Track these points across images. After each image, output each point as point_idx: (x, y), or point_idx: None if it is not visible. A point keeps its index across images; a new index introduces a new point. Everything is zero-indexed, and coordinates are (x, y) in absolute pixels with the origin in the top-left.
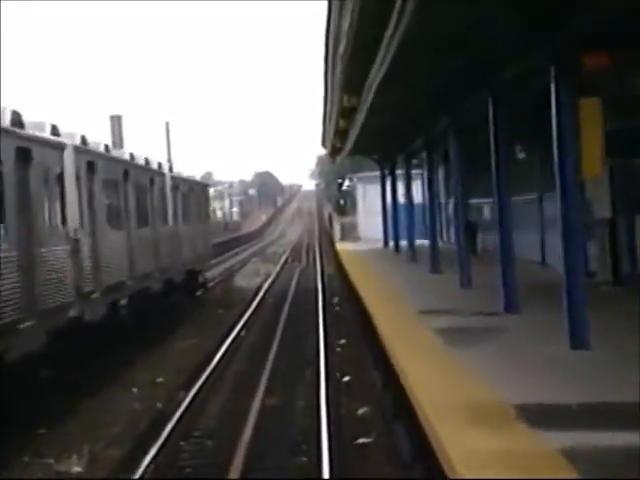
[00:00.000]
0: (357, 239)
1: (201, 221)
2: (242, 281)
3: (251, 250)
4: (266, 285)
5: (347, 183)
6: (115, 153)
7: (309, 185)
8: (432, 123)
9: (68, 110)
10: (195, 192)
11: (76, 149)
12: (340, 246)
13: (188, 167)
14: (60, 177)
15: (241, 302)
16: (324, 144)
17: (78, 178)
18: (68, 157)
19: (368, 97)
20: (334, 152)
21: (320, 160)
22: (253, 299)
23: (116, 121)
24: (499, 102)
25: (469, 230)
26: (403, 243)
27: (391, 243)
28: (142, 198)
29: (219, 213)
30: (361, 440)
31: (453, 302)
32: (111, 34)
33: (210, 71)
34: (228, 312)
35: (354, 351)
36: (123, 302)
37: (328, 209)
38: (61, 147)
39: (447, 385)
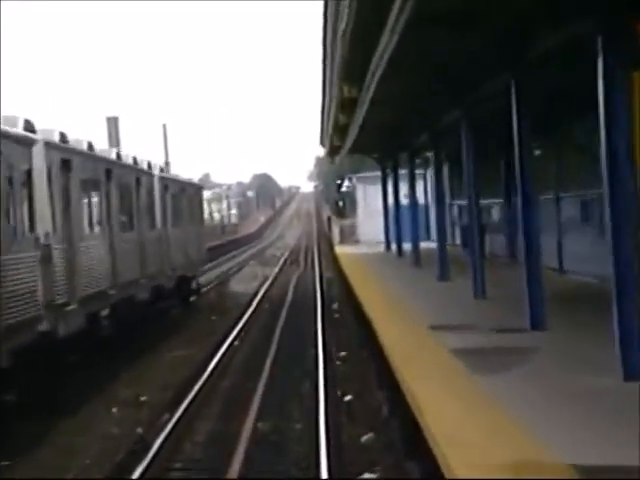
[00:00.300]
0: (357, 242)
1: (194, 224)
2: (238, 285)
3: (249, 253)
4: (263, 290)
5: (347, 184)
6: (99, 151)
7: (308, 187)
8: (440, 116)
9: (67, 113)
10: (187, 194)
11: (47, 145)
12: (339, 249)
13: (186, 169)
14: (28, 176)
15: (236, 308)
16: (322, 142)
17: (50, 177)
18: (38, 154)
19: (370, 86)
20: (333, 151)
21: (319, 161)
22: (249, 305)
23: (112, 122)
24: (523, 86)
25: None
26: (405, 246)
27: (393, 246)
28: (127, 199)
29: (217, 215)
30: (366, 476)
31: (468, 315)
32: (110, 35)
33: (209, 74)
34: (222, 319)
35: (356, 366)
36: (105, 313)
37: (327, 211)
38: (29, 142)
39: (477, 433)
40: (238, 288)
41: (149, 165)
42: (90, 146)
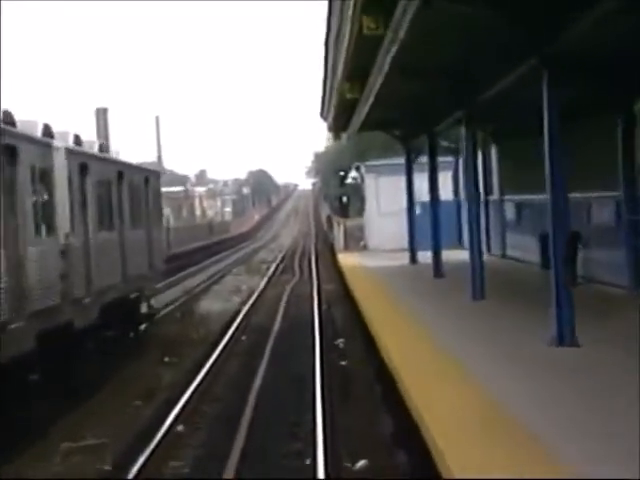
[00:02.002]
0: (365, 248)
1: (145, 226)
2: (214, 303)
3: (236, 257)
4: (244, 311)
5: (353, 174)
6: None
7: (306, 184)
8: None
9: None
10: (132, 182)
11: None
12: (344, 259)
13: (182, 165)
14: None
15: (202, 343)
16: (324, 115)
17: None
18: None
19: (397, 36)
20: (339, 127)
21: (317, 157)
22: (221, 336)
23: (101, 114)
24: None
25: (569, 246)
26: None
27: (420, 257)
28: None
29: (210, 213)
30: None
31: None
32: (106, 28)
33: (207, 69)
34: (176, 365)
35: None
36: None
37: (326, 209)
38: None
39: None
40: (213, 307)
41: (46, 131)
42: None
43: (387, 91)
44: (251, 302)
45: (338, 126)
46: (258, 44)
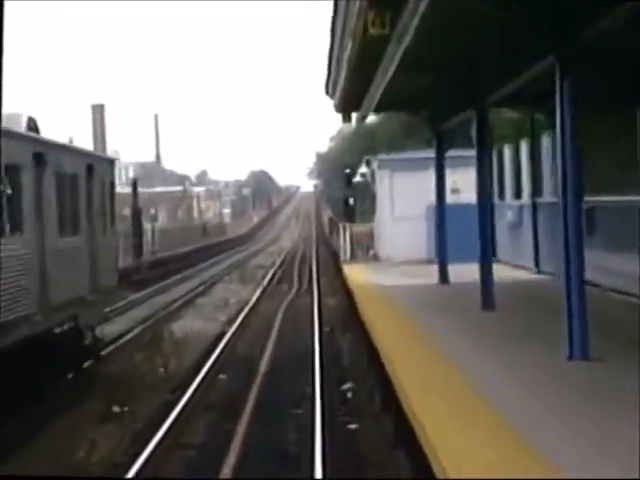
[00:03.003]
0: (375, 259)
1: (87, 231)
2: (194, 323)
3: (229, 262)
4: (228, 335)
5: (363, 170)
6: None
7: (308, 186)
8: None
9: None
10: (57, 170)
11: None
12: (350, 271)
13: (183, 165)
14: None
15: (166, 384)
16: (329, 91)
17: None
18: None
19: None
20: (349, 106)
21: (320, 158)
22: (193, 374)
23: (98, 110)
24: None
25: None
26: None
27: (446, 275)
28: None
29: (209, 214)
30: None
31: None
32: (106, 24)
33: (210, 68)
34: (121, 423)
35: None
36: None
37: (328, 213)
38: None
39: None
40: (191, 329)
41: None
42: None
43: (422, 42)
44: (239, 321)
45: (348, 102)
46: (261, 43)
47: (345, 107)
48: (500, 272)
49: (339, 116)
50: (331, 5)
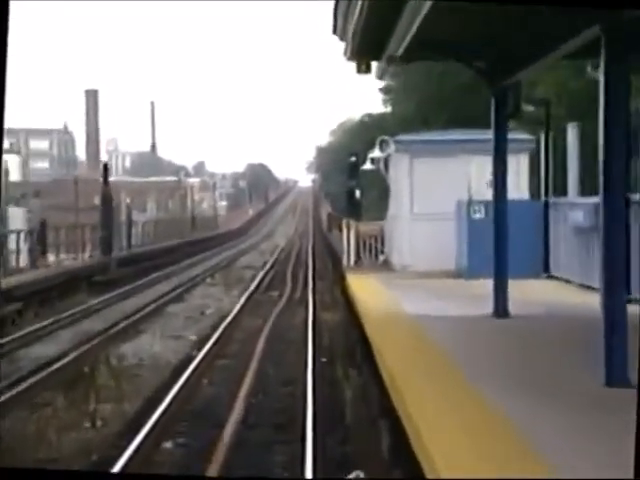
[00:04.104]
0: (386, 266)
1: None
2: (152, 342)
3: (215, 260)
4: (192, 365)
5: (375, 154)
6: None
7: (307, 181)
8: None
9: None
10: None
11: None
12: (356, 284)
13: (179, 155)
14: None
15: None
16: (339, 29)
17: None
18: None
19: None
20: (367, 50)
21: (320, 151)
22: (130, 436)
23: (91, 96)
24: None
25: None
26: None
27: (505, 303)
28: None
29: (205, 206)
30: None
31: None
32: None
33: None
34: None
35: None
36: None
37: (326, 208)
38: None
39: None
40: (147, 352)
41: None
42: None
43: None
44: (211, 342)
45: (367, 44)
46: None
47: (362, 51)
48: (564, 295)
49: (339, 109)
50: None
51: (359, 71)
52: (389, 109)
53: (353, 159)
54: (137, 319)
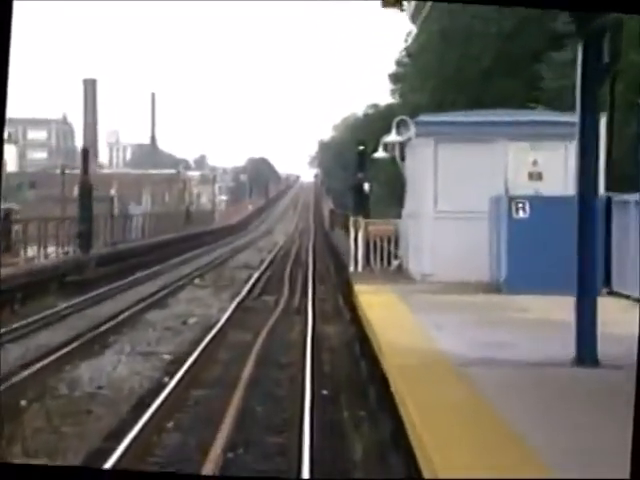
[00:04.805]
0: (402, 274)
1: None
2: (117, 361)
3: (207, 259)
4: (160, 398)
5: (391, 139)
6: None
7: (309, 177)
8: None
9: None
10: None
11: None
12: (368, 301)
13: (180, 148)
14: None
15: None
16: None
17: None
18: None
19: None
20: None
21: (322, 146)
22: None
23: (90, 85)
24: None
25: None
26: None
27: (594, 344)
28: None
29: (204, 200)
30: None
31: None
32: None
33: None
34: None
35: None
36: None
37: (329, 204)
38: None
39: None
40: (108, 377)
41: None
42: None
43: None
44: (189, 363)
45: None
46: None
47: None
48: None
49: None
50: None
51: (384, 4)
52: (397, 99)
53: (361, 148)
54: (106, 329)
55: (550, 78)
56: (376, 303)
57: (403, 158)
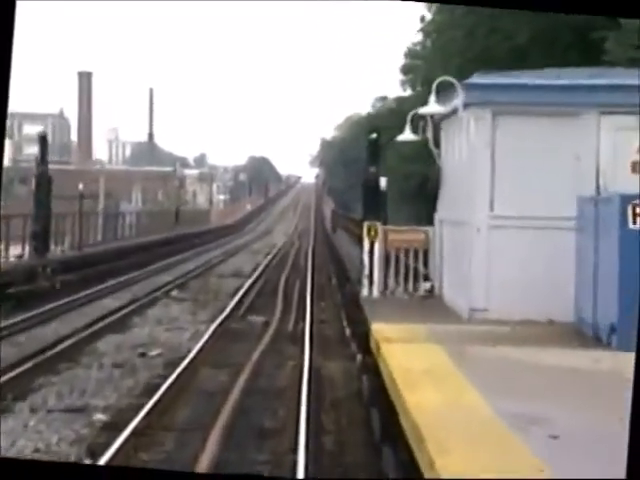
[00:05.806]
0: (439, 306)
1: None
2: (25, 430)
3: (191, 265)
4: None
5: (429, 109)
6: None
7: (310, 177)
8: None
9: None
10: None
11: None
12: (396, 361)
13: (180, 147)
14: None
15: None
16: None
17: None
18: None
19: None
20: None
21: (324, 145)
22: None
23: (85, 78)
24: None
25: None
26: None
27: None
28: None
29: (202, 199)
30: None
31: None
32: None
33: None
34: None
35: None
36: None
37: (330, 205)
38: None
39: None
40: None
41: None
42: None
43: None
44: (127, 432)
45: None
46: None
47: None
48: None
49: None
50: None
51: None
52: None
53: (373, 136)
54: (33, 365)
55: (617, 49)
56: (415, 369)
57: (437, 143)
